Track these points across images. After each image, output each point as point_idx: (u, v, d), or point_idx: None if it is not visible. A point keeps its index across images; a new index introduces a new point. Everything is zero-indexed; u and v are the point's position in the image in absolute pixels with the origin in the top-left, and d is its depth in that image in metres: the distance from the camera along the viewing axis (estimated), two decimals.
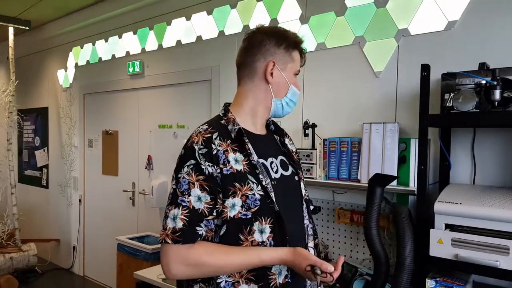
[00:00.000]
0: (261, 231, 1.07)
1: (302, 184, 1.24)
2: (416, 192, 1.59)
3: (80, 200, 4.26)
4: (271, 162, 1.17)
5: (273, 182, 1.12)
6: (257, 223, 1.06)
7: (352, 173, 1.94)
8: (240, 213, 1.05)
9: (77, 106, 4.29)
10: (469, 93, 1.51)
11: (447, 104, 1.57)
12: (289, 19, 2.51)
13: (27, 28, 4.38)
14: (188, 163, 1.06)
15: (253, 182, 1.07)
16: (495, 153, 1.74)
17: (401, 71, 2.02)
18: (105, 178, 4.01)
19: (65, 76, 4.46)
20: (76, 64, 4.29)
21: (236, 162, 1.08)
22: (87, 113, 4.24)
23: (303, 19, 2.43)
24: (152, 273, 2.31)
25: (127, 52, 3.68)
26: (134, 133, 3.70)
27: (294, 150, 1.32)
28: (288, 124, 1.92)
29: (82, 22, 4.06)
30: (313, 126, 2.21)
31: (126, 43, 3.69)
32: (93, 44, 4.06)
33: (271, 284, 1.07)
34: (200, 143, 1.07)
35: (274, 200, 1.08)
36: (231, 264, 1.04)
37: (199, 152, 1.06)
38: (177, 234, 1.01)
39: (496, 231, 1.39)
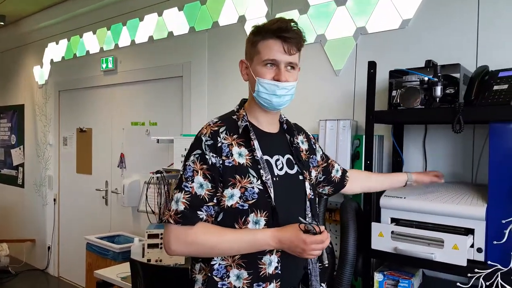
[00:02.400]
0: (256, 223, 1.13)
1: (307, 183, 1.26)
2: None
3: (54, 200, 4.23)
4: (277, 160, 1.22)
5: (275, 179, 1.17)
6: (252, 214, 1.12)
7: None
8: (238, 203, 1.12)
9: (52, 103, 4.26)
10: (414, 89, 1.54)
11: (394, 101, 1.60)
12: (256, 16, 2.53)
13: (1, 23, 4.34)
14: (195, 152, 1.14)
15: (253, 176, 1.14)
16: (445, 149, 1.78)
17: (359, 69, 2.05)
18: (79, 176, 4.00)
19: (41, 73, 4.42)
20: (52, 60, 4.26)
21: (239, 156, 1.15)
22: (62, 111, 4.21)
23: (269, 17, 2.45)
24: (112, 272, 2.32)
25: (101, 48, 3.67)
26: (107, 131, 3.69)
27: (305, 148, 1.36)
28: None
29: (57, 17, 4.04)
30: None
31: (100, 39, 3.68)
32: (68, 40, 4.04)
33: (261, 273, 1.13)
34: (207, 135, 1.15)
35: (272, 196, 1.13)
36: (226, 240, 1.10)
37: (206, 143, 1.14)
38: (178, 216, 1.10)
39: (435, 224, 1.43)
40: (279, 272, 1.15)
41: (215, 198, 1.13)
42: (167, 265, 2.28)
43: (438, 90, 1.49)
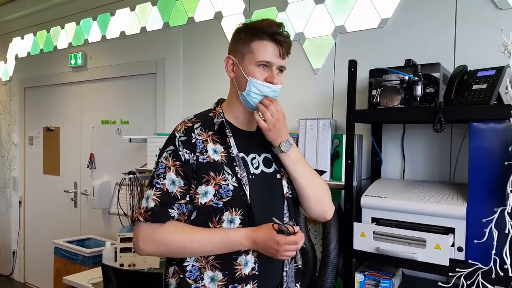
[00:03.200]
0: (231, 221, 1.10)
1: (284, 182, 1.22)
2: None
3: (20, 202, 4.02)
4: (253, 158, 1.19)
5: (250, 177, 1.14)
6: (227, 213, 1.10)
7: None
8: (212, 201, 1.09)
9: (17, 100, 4.05)
10: (394, 89, 1.53)
11: (374, 100, 1.58)
12: (233, 12, 2.48)
13: None
14: (168, 149, 1.12)
15: (228, 173, 1.11)
16: (423, 148, 1.79)
17: (338, 68, 2.03)
18: (46, 178, 3.81)
19: (4, 69, 4.20)
20: (17, 56, 4.05)
21: (214, 152, 1.12)
22: (27, 108, 4.01)
23: (247, 14, 2.41)
24: (82, 278, 2.21)
25: (70, 44, 3.51)
26: (76, 130, 3.54)
27: None
28: None
29: (23, 10, 3.84)
30: None
31: (69, 34, 3.53)
32: (35, 35, 3.85)
33: (236, 274, 1.10)
34: (181, 131, 1.13)
35: (247, 193, 1.10)
36: (197, 240, 1.07)
37: (179, 139, 1.12)
38: (148, 213, 1.07)
39: (416, 224, 1.42)
40: (256, 273, 1.12)
41: (188, 196, 1.10)
42: (141, 269, 2.19)
43: (419, 89, 1.48)
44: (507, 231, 1.21)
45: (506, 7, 1.59)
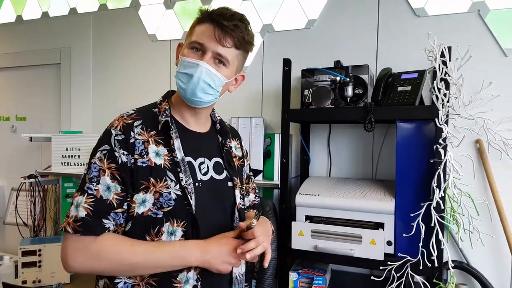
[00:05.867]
0: (171, 233, 0.98)
1: (237, 191, 1.12)
2: (279, 186, 1.59)
3: None
4: (201, 163, 1.07)
5: (197, 184, 1.03)
6: (167, 224, 0.98)
7: None
8: (151, 210, 0.97)
9: None
10: (326, 89, 1.56)
11: (306, 100, 1.60)
12: (153, 2, 2.31)
13: None
14: (102, 148, 0.97)
15: (171, 180, 0.99)
16: (347, 147, 1.86)
17: (266, 67, 2.02)
18: None
19: None
20: None
21: (156, 155, 0.99)
22: None
23: (168, 4, 2.27)
24: None
25: None
26: None
27: (239, 155, 1.23)
28: None
29: None
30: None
31: None
32: None
33: None
34: (118, 128, 0.99)
35: (193, 203, 0.99)
36: (139, 253, 0.94)
37: (115, 138, 0.97)
38: (78, 224, 0.92)
39: (348, 220, 1.46)
40: None
41: (125, 204, 0.96)
42: (49, 285, 1.92)
43: (350, 90, 1.53)
44: (432, 224, 1.30)
45: (424, 15, 1.72)
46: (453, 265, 1.30)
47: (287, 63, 1.56)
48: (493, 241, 1.60)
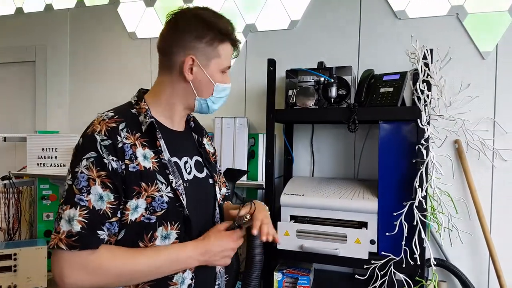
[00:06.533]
0: (165, 237, 0.96)
1: (217, 188, 1.13)
2: (264, 186, 1.59)
3: None
4: (185, 162, 1.06)
5: (185, 184, 1.01)
6: (161, 228, 0.95)
7: None
8: (143, 216, 0.94)
9: None
10: (310, 90, 1.57)
11: (291, 100, 1.60)
12: None
13: None
14: (87, 156, 0.91)
15: (161, 183, 0.96)
16: (330, 147, 1.88)
17: (249, 66, 2.01)
18: None
19: None
20: None
21: (144, 158, 0.96)
22: None
23: (148, 2, 2.23)
24: None
25: None
26: None
27: (212, 151, 1.22)
28: None
29: None
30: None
31: None
32: None
33: None
34: (103, 133, 0.92)
35: (185, 204, 0.98)
36: (142, 263, 0.92)
37: (102, 143, 0.91)
38: (73, 239, 0.87)
39: (334, 220, 1.48)
40: None
41: (118, 212, 0.92)
42: None
43: (334, 91, 1.55)
44: (415, 223, 1.33)
45: (404, 17, 1.75)
46: (435, 262, 1.33)
47: (271, 63, 1.56)
48: (471, 238, 1.64)
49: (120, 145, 0.93)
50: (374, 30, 1.80)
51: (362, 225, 1.47)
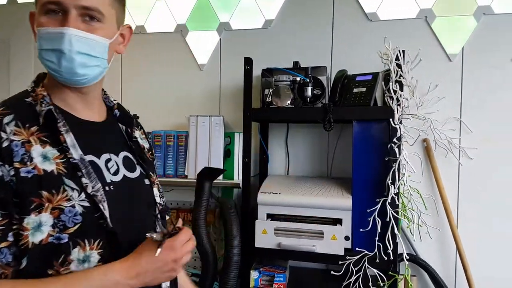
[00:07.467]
0: (84, 260, 0.75)
1: (155, 190, 0.94)
2: (240, 185, 1.59)
3: None
4: (108, 160, 0.85)
5: (107, 188, 0.81)
6: (76, 249, 0.74)
7: (179, 169, 1.83)
8: (51, 236, 0.72)
9: None
10: (286, 89, 1.58)
11: (267, 100, 1.61)
12: None
13: None
14: None
15: (72, 189, 0.75)
16: (304, 146, 1.90)
17: (224, 65, 2.01)
18: None
19: None
20: None
21: (44, 159, 0.74)
22: None
23: None
24: None
25: None
26: None
27: (147, 146, 1.02)
28: None
29: None
30: (135, 117, 1.99)
31: None
32: None
33: None
34: None
35: (107, 214, 0.77)
36: None
37: None
38: None
39: (309, 217, 1.50)
40: None
41: (10, 235, 0.70)
42: None
43: (309, 91, 1.57)
44: (388, 219, 1.37)
45: (376, 19, 1.80)
46: (408, 257, 1.38)
47: (248, 62, 1.57)
48: (439, 233, 1.71)
49: (5, 144, 0.71)
50: (346, 31, 1.84)
51: (337, 221, 1.50)
